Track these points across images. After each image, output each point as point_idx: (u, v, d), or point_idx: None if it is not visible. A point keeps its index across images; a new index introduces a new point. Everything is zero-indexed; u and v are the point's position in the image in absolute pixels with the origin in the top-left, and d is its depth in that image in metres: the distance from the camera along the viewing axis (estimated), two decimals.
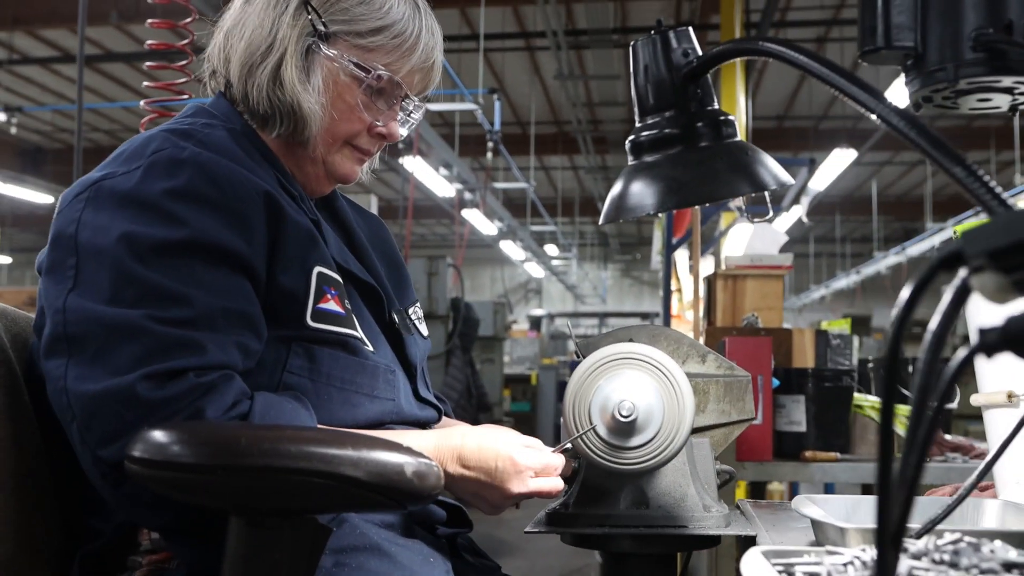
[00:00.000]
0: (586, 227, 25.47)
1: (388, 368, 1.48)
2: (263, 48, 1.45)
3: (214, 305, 1.25)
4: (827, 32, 11.85)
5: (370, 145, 1.54)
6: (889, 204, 20.51)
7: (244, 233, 1.30)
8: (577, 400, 1.44)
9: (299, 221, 1.39)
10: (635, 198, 1.13)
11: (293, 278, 1.36)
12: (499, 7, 10.55)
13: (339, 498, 1.10)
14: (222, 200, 1.30)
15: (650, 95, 1.17)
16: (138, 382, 1.17)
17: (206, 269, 1.26)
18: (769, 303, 4.39)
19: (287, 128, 1.46)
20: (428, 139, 8.26)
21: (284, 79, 1.44)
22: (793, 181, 1.14)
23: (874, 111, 0.85)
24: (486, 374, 10.35)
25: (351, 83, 1.46)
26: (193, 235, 1.26)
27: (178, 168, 1.30)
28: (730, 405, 1.79)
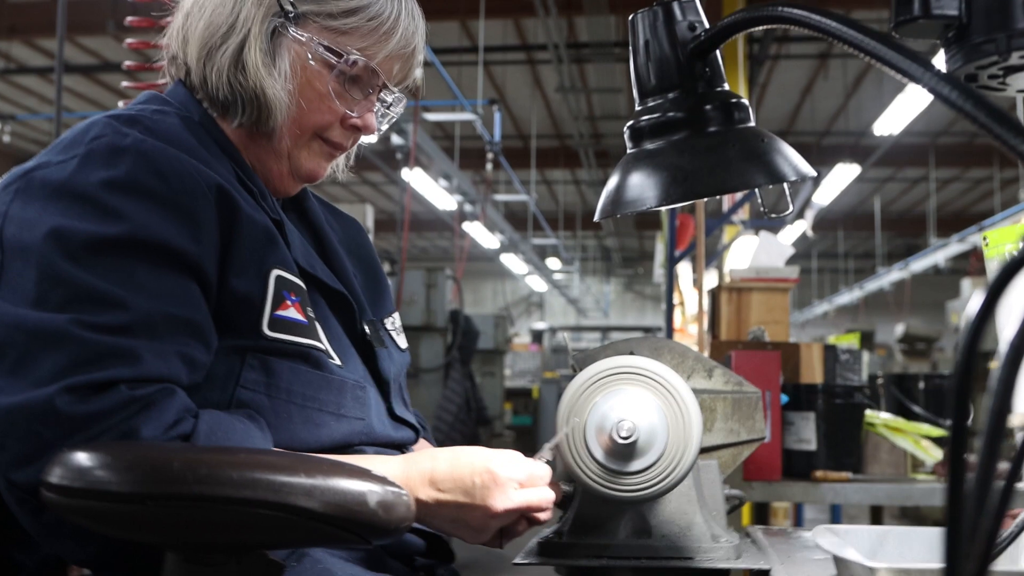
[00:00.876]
0: (588, 241, 25.37)
1: (357, 384, 1.34)
2: (224, 29, 1.31)
3: (154, 310, 1.11)
4: (830, 48, 11.73)
5: (343, 139, 1.40)
6: (891, 220, 20.38)
7: (191, 230, 1.16)
8: (571, 420, 1.30)
9: (255, 219, 1.25)
10: (635, 190, 1.00)
11: (248, 282, 1.22)
12: (500, 19, 10.44)
13: (292, 532, 0.95)
14: (167, 193, 1.16)
15: (651, 74, 1.03)
16: (57, 395, 1.02)
17: (146, 270, 1.12)
18: (775, 317, 4.28)
19: (249, 116, 1.33)
20: (428, 150, 8.14)
21: (247, 63, 1.30)
22: (815, 173, 1.00)
23: (919, 80, 0.71)
24: (487, 387, 10.22)
25: (321, 69, 1.33)
26: (132, 231, 1.12)
27: (118, 157, 1.16)
28: (739, 423, 1.66)
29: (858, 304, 19.31)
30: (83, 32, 9.52)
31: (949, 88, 0.69)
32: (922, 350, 12.79)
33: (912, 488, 2.83)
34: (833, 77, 12.46)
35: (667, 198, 0.97)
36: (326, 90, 1.34)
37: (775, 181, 0.98)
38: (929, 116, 11.52)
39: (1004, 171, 15.43)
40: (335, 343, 1.33)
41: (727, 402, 1.64)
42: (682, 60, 1.02)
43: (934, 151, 14.95)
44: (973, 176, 17.33)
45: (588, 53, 10.93)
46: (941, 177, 16.72)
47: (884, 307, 20.56)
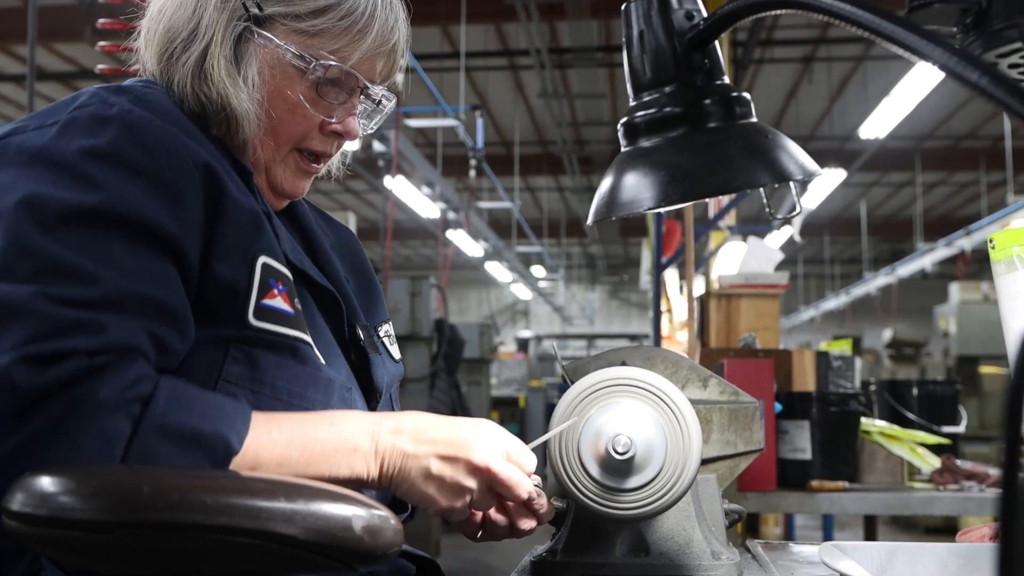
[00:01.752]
0: (573, 248, 25.33)
1: (344, 385, 1.27)
2: (184, 34, 1.24)
3: (124, 288, 1.03)
4: (814, 51, 11.74)
5: (324, 146, 1.33)
6: (877, 225, 20.41)
7: (174, 209, 1.09)
8: (564, 433, 1.23)
9: (242, 202, 1.17)
10: (631, 191, 0.93)
11: (232, 268, 1.14)
12: (481, 25, 10.38)
13: (272, 561, 0.89)
14: (150, 167, 1.08)
15: (646, 67, 0.97)
16: (12, 365, 0.95)
17: (121, 245, 1.04)
18: (765, 323, 4.23)
19: (219, 128, 1.26)
20: (410, 157, 8.07)
21: (210, 72, 1.23)
22: (821, 171, 0.94)
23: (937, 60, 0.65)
24: (473, 397, 10.15)
25: (292, 75, 1.25)
26: (110, 202, 1.05)
27: (101, 126, 1.09)
28: (735, 435, 1.60)
29: (845, 310, 19.31)
30: (60, 39, 9.41)
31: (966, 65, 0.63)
32: (910, 355, 12.77)
33: (910, 497, 2.78)
34: (818, 81, 12.45)
35: (666, 198, 0.91)
36: (298, 98, 1.26)
37: (780, 180, 0.91)
38: (914, 120, 11.53)
39: (990, 174, 15.45)
40: (320, 342, 1.26)
41: (723, 413, 1.58)
42: (679, 51, 0.96)
43: (920, 155, 14.97)
44: (959, 180, 17.36)
45: (570, 58, 10.89)
46: (927, 181, 16.75)
47: (871, 312, 20.59)
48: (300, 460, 1.09)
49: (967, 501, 2.73)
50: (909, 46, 0.67)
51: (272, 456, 1.07)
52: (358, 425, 1.14)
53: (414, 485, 1.15)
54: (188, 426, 1.01)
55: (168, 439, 0.99)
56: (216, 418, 1.04)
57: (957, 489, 2.83)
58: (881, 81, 10.86)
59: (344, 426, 1.13)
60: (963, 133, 14.83)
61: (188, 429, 1.01)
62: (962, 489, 2.83)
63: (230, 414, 1.06)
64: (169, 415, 1.00)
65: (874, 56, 11.64)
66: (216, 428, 1.03)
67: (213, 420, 1.03)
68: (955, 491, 2.82)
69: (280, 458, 1.08)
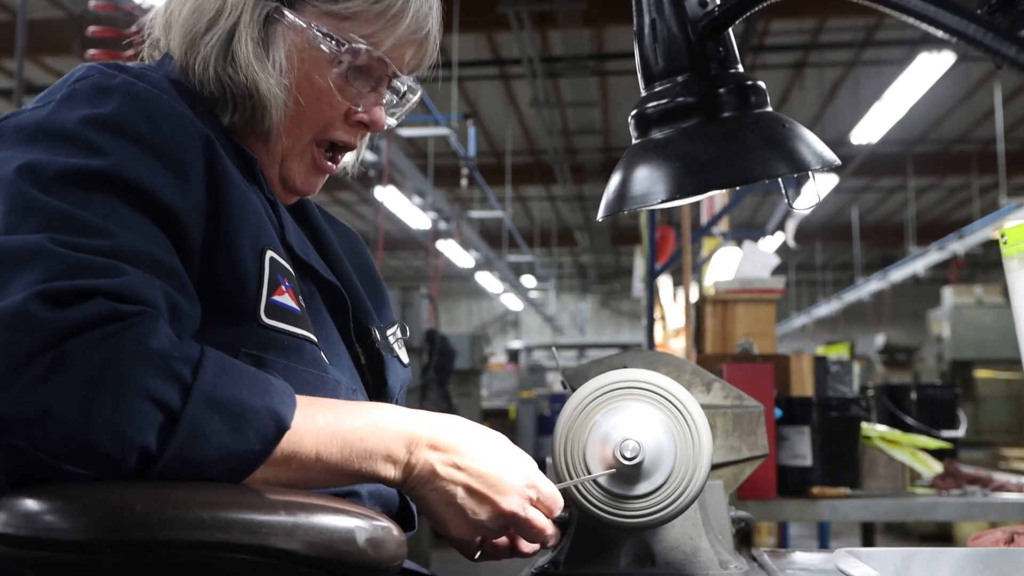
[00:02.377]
0: (564, 258, 25.30)
1: (349, 387, 1.20)
2: (211, 14, 1.18)
3: (140, 246, 0.96)
4: (805, 56, 11.74)
5: (349, 136, 1.26)
6: (868, 231, 20.43)
7: (179, 184, 1.03)
8: (570, 440, 1.19)
9: (243, 189, 1.12)
10: (643, 183, 0.89)
11: (243, 258, 1.08)
12: (473, 34, 10.36)
13: None
14: (157, 139, 1.03)
15: (658, 56, 0.93)
16: (30, 300, 0.86)
17: (129, 209, 0.98)
18: (761, 328, 4.21)
19: (242, 115, 1.20)
20: (402, 167, 8.03)
21: (236, 54, 1.17)
22: (839, 161, 0.90)
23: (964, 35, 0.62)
24: (464, 408, 10.10)
25: (321, 59, 1.20)
26: (114, 167, 0.99)
27: (105, 95, 1.04)
28: (740, 440, 1.57)
29: (837, 316, 19.31)
30: (49, 52, 9.35)
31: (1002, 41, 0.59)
32: (903, 361, 12.77)
33: (913, 503, 2.74)
34: (809, 87, 12.46)
35: (680, 191, 0.87)
36: (327, 84, 1.20)
37: (799, 170, 0.88)
38: (905, 125, 11.54)
39: (982, 178, 15.48)
40: (325, 341, 1.19)
41: (727, 417, 1.55)
42: (692, 39, 0.92)
43: (911, 159, 14.98)
44: (950, 184, 17.39)
45: (562, 67, 10.87)
46: (918, 186, 16.76)
47: (864, 318, 20.59)
48: (337, 455, 1.01)
49: (971, 506, 2.70)
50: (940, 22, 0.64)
51: (313, 444, 0.99)
52: (398, 428, 1.06)
53: (432, 505, 1.09)
54: (239, 399, 0.93)
55: (218, 413, 0.91)
56: (266, 391, 0.96)
57: (960, 494, 2.80)
58: (872, 86, 10.86)
59: (386, 426, 1.05)
60: (954, 137, 14.85)
61: (239, 402, 0.93)
62: (965, 494, 2.80)
63: (279, 388, 0.98)
64: (219, 385, 0.92)
65: (865, 61, 11.65)
66: (267, 402, 0.95)
67: (263, 393, 0.95)
68: (958, 496, 2.79)
69: (319, 447, 0.99)
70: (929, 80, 8.67)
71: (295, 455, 0.97)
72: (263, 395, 0.95)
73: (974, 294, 10.43)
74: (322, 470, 1.00)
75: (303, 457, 0.98)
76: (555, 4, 8.93)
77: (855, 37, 10.71)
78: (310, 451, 0.98)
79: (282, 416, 0.95)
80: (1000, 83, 11.89)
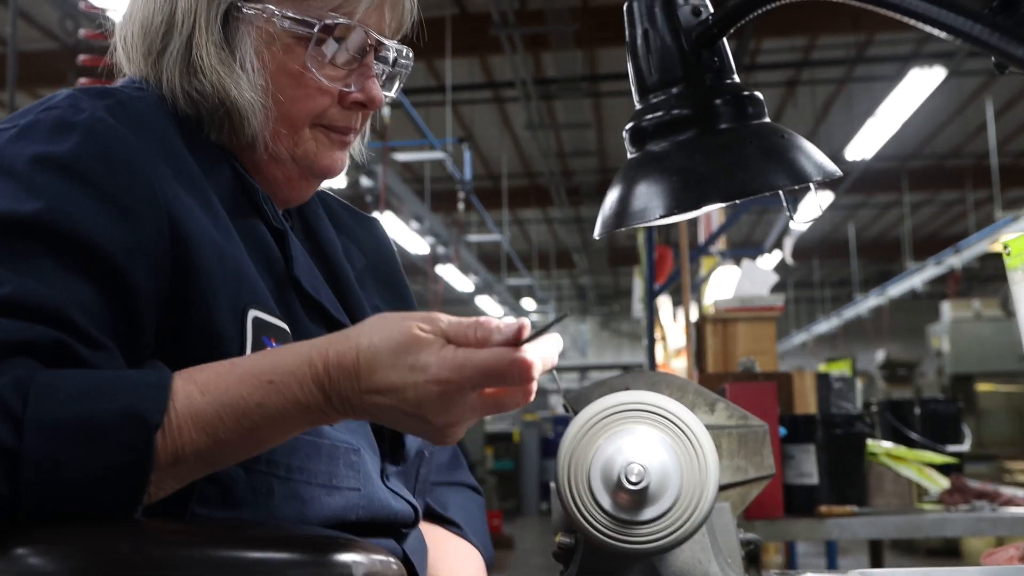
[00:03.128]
0: (563, 280, 25.30)
1: (350, 447, 1.08)
2: (163, 28, 1.10)
3: (33, 295, 0.89)
4: (797, 74, 11.77)
5: (347, 120, 1.16)
6: (865, 247, 20.44)
7: (125, 232, 0.95)
8: (573, 465, 1.16)
9: (221, 246, 1.02)
10: (642, 199, 0.87)
11: (217, 319, 0.99)
12: (466, 58, 10.38)
13: None
14: (107, 184, 0.95)
15: (652, 68, 0.91)
16: None
17: (48, 257, 0.91)
18: (762, 347, 4.18)
19: (219, 130, 1.11)
20: (398, 192, 8.02)
21: (200, 64, 1.08)
22: (841, 172, 0.88)
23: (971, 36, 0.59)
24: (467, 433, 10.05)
25: (294, 45, 1.09)
26: (45, 214, 0.92)
27: (63, 132, 0.97)
28: (746, 460, 1.53)
29: (836, 332, 19.29)
30: (43, 83, 9.35)
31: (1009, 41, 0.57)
32: (904, 376, 12.74)
33: (921, 519, 2.71)
34: (802, 104, 12.48)
35: (678, 205, 0.84)
36: (306, 70, 1.10)
37: (799, 181, 0.85)
38: (899, 140, 11.55)
39: (976, 192, 15.50)
40: None
41: (732, 438, 1.52)
42: (687, 49, 0.90)
43: (905, 175, 15.01)
44: (944, 199, 17.41)
45: (556, 89, 10.89)
46: (913, 201, 16.78)
47: (863, 334, 20.55)
48: (238, 430, 0.88)
49: (980, 521, 2.66)
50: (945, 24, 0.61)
51: (198, 429, 0.87)
52: (301, 379, 0.89)
53: (391, 423, 0.94)
54: (85, 415, 0.82)
55: (65, 438, 0.81)
56: (116, 393, 0.85)
57: (968, 509, 2.77)
58: (865, 102, 10.88)
59: (285, 382, 0.89)
60: (947, 152, 14.88)
61: (85, 419, 0.82)
62: (973, 509, 2.76)
63: (134, 383, 0.86)
64: (55, 409, 0.82)
65: (857, 78, 11.68)
66: (122, 406, 0.84)
67: (112, 397, 0.84)
68: (966, 511, 2.75)
69: (208, 428, 0.87)
70: (921, 95, 8.69)
71: (182, 448, 0.86)
72: (111, 399, 0.84)
73: (972, 308, 10.43)
74: (231, 444, 0.89)
75: (195, 446, 0.87)
76: (548, 26, 8.95)
77: (846, 54, 10.74)
78: (199, 438, 0.87)
79: (141, 415, 0.84)
80: (992, 97, 11.93)
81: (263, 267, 1.10)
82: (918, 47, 10.58)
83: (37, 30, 9.51)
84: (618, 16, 0.94)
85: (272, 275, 1.11)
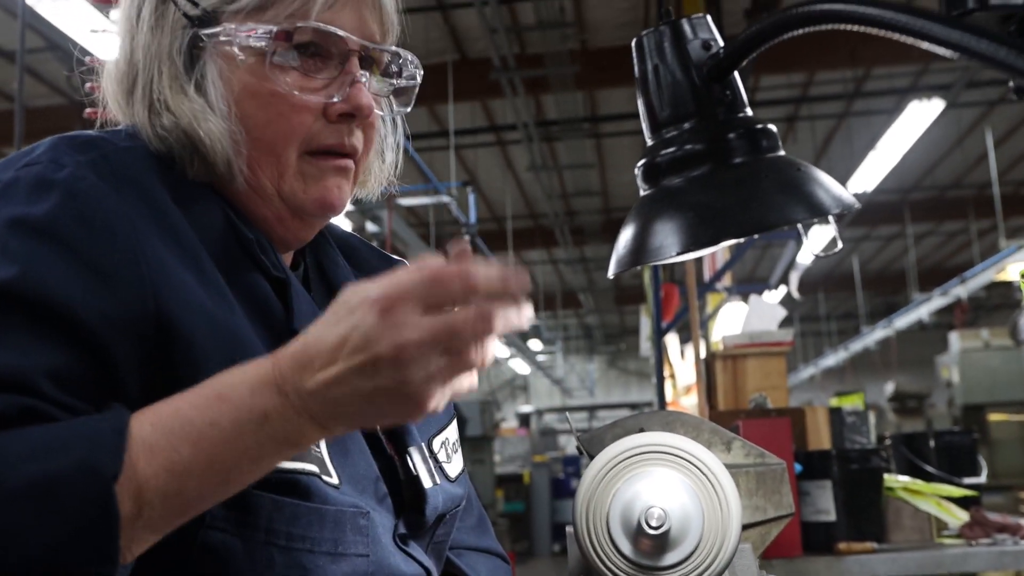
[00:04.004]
0: (569, 320, 25.28)
1: (358, 511, 1.01)
2: (131, 71, 1.07)
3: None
4: (796, 110, 11.82)
5: (337, 136, 1.07)
6: (870, 279, 20.42)
7: (102, 299, 0.90)
8: (591, 510, 1.14)
9: (208, 310, 0.96)
10: (658, 236, 0.85)
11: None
12: (468, 102, 10.44)
13: None
14: (86, 247, 0.91)
15: (664, 103, 0.90)
16: None
17: (16, 324, 0.86)
18: (772, 382, 4.15)
19: (191, 165, 1.05)
20: (404, 237, 8.03)
21: (163, 100, 1.04)
22: (859, 204, 0.86)
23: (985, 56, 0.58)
24: (477, 475, 10.01)
25: (257, 63, 1.03)
26: (18, 280, 0.87)
27: (42, 192, 0.93)
28: (765, 499, 1.50)
29: (845, 365, 19.21)
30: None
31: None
32: (914, 407, 12.67)
33: (943, 554, 2.66)
34: (802, 140, 12.52)
35: (695, 242, 0.83)
36: (276, 86, 1.03)
37: (817, 214, 0.84)
38: (900, 172, 11.58)
39: (979, 221, 15.51)
40: (342, 453, 1.03)
41: (750, 476, 1.49)
42: (698, 84, 0.88)
43: (908, 207, 15.03)
44: (947, 229, 17.42)
45: (557, 131, 10.95)
46: (916, 232, 16.79)
47: (871, 367, 20.47)
48: (197, 459, 0.82)
49: (1003, 555, 2.62)
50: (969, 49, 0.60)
51: (156, 465, 0.81)
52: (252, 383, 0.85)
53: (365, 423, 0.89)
54: (37, 474, 0.78)
55: (17, 501, 0.77)
56: (70, 445, 0.80)
57: (990, 543, 2.72)
58: (865, 136, 10.92)
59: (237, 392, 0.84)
60: (948, 183, 14.91)
61: (38, 477, 0.78)
62: (995, 543, 2.72)
63: (87, 432, 0.81)
64: (6, 473, 0.77)
65: (856, 112, 11.73)
66: (78, 458, 0.79)
67: (66, 449, 0.79)
68: (988, 545, 2.71)
69: (166, 463, 0.82)
70: (920, 127, 8.72)
71: (143, 488, 0.81)
72: (65, 454, 0.79)
73: (981, 337, 10.39)
74: (196, 478, 0.83)
75: (155, 483, 0.81)
76: (547, 69, 9.01)
77: (844, 89, 10.79)
78: (157, 473, 0.81)
79: (96, 466, 0.79)
80: (991, 127, 11.96)
81: (262, 323, 1.04)
82: (916, 80, 10.63)
83: (44, 86, 9.60)
84: (617, 57, 0.93)
85: (271, 330, 1.05)
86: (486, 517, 1.42)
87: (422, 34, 8.88)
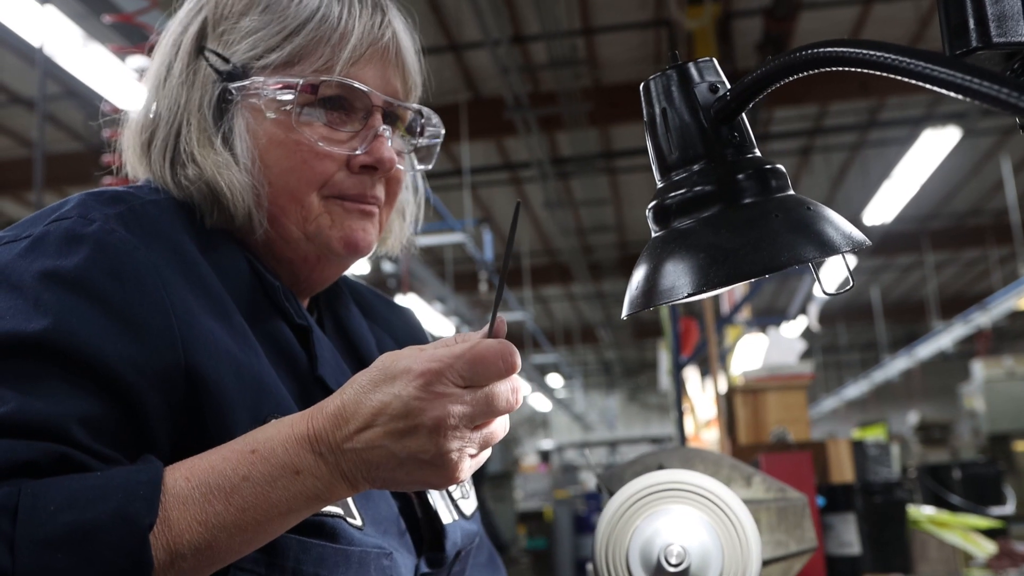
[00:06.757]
0: (588, 355, 25.23)
1: (382, 552, 1.02)
2: (151, 124, 1.12)
3: (33, 414, 0.86)
4: (811, 142, 11.83)
5: (360, 187, 1.11)
6: (890, 309, 20.33)
7: (135, 349, 0.93)
8: (611, 547, 1.14)
9: (235, 355, 0.99)
10: (669, 277, 0.86)
11: (236, 432, 0.94)
12: (482, 141, 10.51)
13: None
14: (118, 299, 0.94)
15: (672, 146, 0.91)
16: None
17: (53, 376, 0.89)
18: (794, 415, 4.13)
19: (211, 215, 1.09)
20: (420, 276, 8.06)
21: (184, 149, 1.09)
22: (870, 242, 0.87)
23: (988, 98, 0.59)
24: (499, 512, 9.96)
25: (284, 115, 1.08)
26: (52, 332, 0.90)
27: (73, 245, 0.96)
28: (786, 534, 1.50)
29: (867, 396, 19.08)
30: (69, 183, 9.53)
31: None
32: (939, 438, 12.54)
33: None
34: (817, 171, 12.52)
35: (707, 283, 0.83)
36: (301, 136, 1.08)
37: (828, 253, 0.84)
38: (917, 202, 11.55)
39: (999, 248, 15.44)
40: (364, 498, 1.05)
41: (771, 512, 1.49)
42: (706, 126, 0.89)
43: (926, 236, 14.98)
44: (966, 257, 17.34)
45: (571, 167, 10.99)
46: (936, 261, 16.73)
47: (894, 397, 20.34)
48: (229, 511, 0.85)
49: None
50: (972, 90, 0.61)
51: (189, 518, 0.84)
52: (287, 440, 0.87)
53: (400, 485, 0.90)
54: (76, 524, 0.79)
55: (58, 551, 0.78)
56: (107, 495, 0.81)
57: (1019, 574, 2.69)
58: (880, 166, 10.92)
59: (270, 448, 0.87)
60: (966, 211, 14.86)
61: (77, 528, 0.79)
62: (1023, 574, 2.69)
63: (122, 483, 0.83)
64: (46, 521, 0.79)
65: (871, 142, 11.73)
66: (115, 507, 0.81)
67: (104, 499, 0.81)
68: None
69: (199, 516, 0.84)
70: (937, 157, 8.71)
71: (178, 539, 0.83)
72: (102, 503, 0.81)
73: (1004, 366, 10.29)
74: (228, 531, 0.85)
75: (189, 535, 0.84)
76: (560, 107, 9.06)
77: (858, 119, 10.80)
78: (191, 525, 0.84)
79: (132, 517, 0.81)
80: (1008, 155, 11.93)
81: (286, 370, 1.07)
82: (930, 109, 10.64)
83: (63, 132, 9.72)
84: (629, 94, 0.94)
85: (296, 376, 1.08)
86: (496, 554, 1.44)
87: (435, 74, 8.95)
